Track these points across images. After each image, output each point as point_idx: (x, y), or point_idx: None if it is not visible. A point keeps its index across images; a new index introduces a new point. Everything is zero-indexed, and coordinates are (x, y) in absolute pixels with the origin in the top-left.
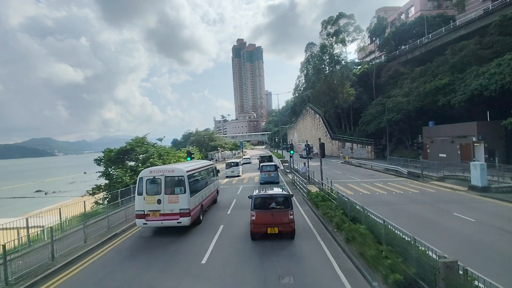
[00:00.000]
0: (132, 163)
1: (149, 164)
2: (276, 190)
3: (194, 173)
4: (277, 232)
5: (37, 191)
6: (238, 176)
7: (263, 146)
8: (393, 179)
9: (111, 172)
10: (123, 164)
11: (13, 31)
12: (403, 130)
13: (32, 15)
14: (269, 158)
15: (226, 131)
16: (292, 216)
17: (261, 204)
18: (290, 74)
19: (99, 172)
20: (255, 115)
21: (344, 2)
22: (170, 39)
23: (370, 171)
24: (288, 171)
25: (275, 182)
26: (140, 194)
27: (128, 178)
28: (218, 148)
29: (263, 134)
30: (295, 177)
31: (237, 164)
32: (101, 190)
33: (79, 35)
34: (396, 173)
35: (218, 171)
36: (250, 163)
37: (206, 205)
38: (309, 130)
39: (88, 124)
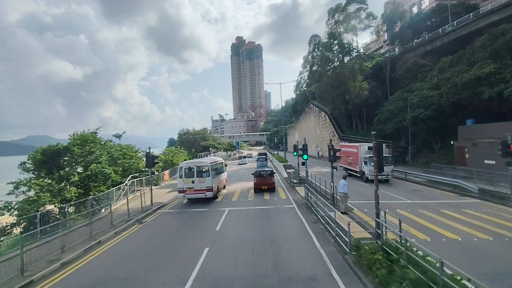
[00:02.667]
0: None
1: (91, 171)
2: (266, 168)
3: (213, 165)
4: (266, 188)
5: (9, 193)
6: (245, 164)
7: (262, 147)
8: (462, 201)
9: (32, 182)
10: (51, 172)
11: (11, 27)
12: (432, 130)
13: (30, 11)
14: (264, 154)
15: (223, 131)
16: (273, 180)
17: (259, 174)
18: (290, 75)
19: (13, 182)
20: (253, 114)
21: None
22: (170, 37)
23: (410, 184)
24: (296, 182)
25: (264, 166)
26: (181, 177)
27: (49, 196)
28: (210, 149)
29: (261, 134)
30: (310, 196)
31: (244, 157)
32: (9, 209)
33: (78, 32)
34: (454, 188)
35: (226, 165)
36: (251, 157)
37: (220, 188)
38: (313, 129)
39: (86, 123)
